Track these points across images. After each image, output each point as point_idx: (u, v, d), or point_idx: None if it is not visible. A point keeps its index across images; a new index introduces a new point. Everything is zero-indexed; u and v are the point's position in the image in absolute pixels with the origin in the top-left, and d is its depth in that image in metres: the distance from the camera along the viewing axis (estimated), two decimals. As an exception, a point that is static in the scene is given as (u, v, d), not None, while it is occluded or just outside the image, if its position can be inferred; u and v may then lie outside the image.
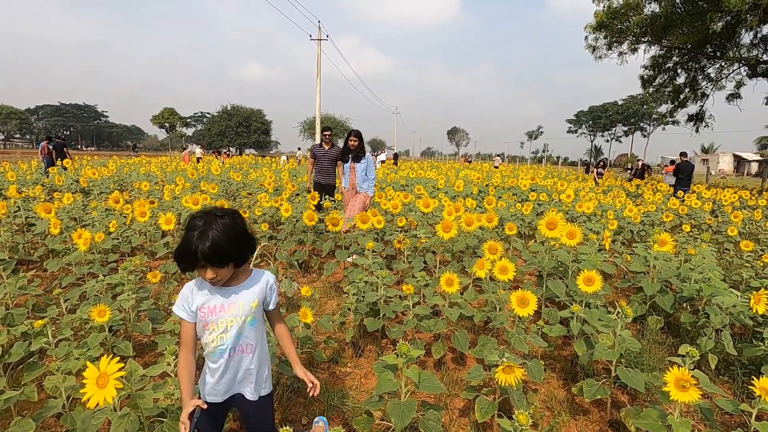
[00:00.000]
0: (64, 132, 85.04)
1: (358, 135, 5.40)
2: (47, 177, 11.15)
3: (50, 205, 4.08)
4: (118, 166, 14.43)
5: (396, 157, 29.02)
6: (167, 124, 75.96)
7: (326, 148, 5.99)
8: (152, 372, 1.71)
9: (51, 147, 15.21)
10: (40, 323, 2.10)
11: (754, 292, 2.40)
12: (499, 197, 8.04)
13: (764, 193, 13.98)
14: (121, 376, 1.15)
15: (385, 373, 1.70)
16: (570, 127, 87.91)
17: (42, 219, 4.23)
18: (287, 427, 1.29)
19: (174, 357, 1.76)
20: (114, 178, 11.32)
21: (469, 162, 35.98)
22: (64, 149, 14.89)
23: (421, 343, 2.78)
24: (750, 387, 1.68)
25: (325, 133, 6.06)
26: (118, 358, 1.14)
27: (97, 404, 1.10)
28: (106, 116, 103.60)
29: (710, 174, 28.30)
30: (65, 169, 12.89)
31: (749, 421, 1.71)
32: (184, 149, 30.11)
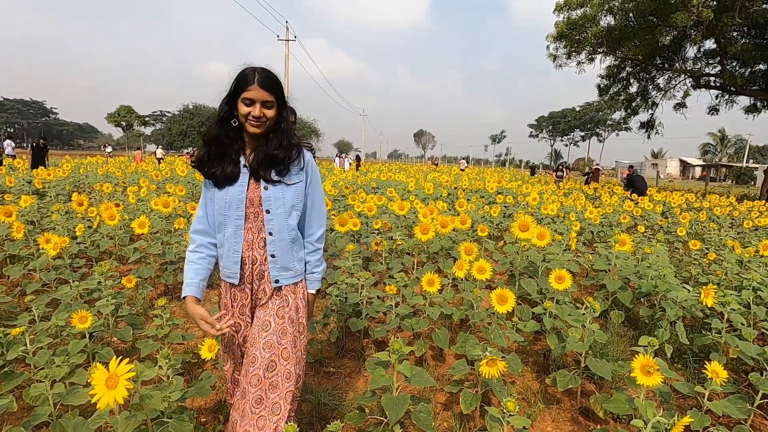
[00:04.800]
0: (8, 129, 79.52)
1: (271, 85, 1.43)
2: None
3: (11, 208, 3.88)
4: (73, 166, 13.71)
5: (358, 159, 29.00)
6: (124, 123, 72.59)
7: None
8: (145, 377, 1.70)
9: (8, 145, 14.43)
10: (18, 331, 2.04)
11: (704, 287, 2.66)
12: (468, 200, 8.30)
13: (707, 195, 15.09)
14: (131, 377, 1.16)
15: (378, 370, 1.78)
16: (531, 132, 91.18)
17: (1, 223, 4.01)
18: (292, 424, 1.34)
19: (166, 360, 1.77)
20: (70, 179, 10.77)
21: (436, 165, 36.61)
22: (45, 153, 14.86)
23: (404, 341, 2.88)
24: (703, 371, 1.89)
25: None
26: (127, 359, 1.15)
27: (107, 405, 1.11)
28: (56, 113, 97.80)
29: (659, 178, 30.19)
30: (14, 169, 12.17)
31: (702, 402, 1.92)
32: (138, 149, 28.93)
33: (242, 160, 1.51)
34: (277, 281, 1.55)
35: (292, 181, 1.54)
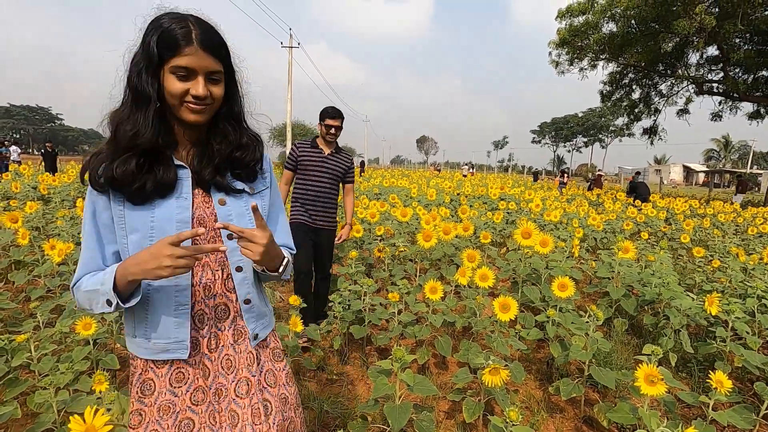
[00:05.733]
0: (14, 135, 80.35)
1: (218, 46, 0.96)
2: (-2, 183, 10.57)
3: (17, 214, 3.91)
4: (77, 172, 13.81)
5: (362, 165, 29.19)
6: (128, 129, 73.10)
7: (326, 151, 3.11)
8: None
9: (2, 152, 14.60)
10: (23, 338, 2.05)
11: (708, 295, 2.65)
12: (470, 206, 8.30)
13: (711, 202, 15.03)
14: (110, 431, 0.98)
15: (381, 378, 1.78)
16: (534, 138, 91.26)
17: (6, 229, 4.04)
18: None
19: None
20: (74, 185, 10.84)
21: (439, 171, 36.71)
22: (55, 157, 15.25)
23: (407, 349, 2.87)
24: (708, 381, 1.87)
25: (330, 122, 3.02)
26: (103, 409, 1.03)
27: None
28: (61, 119, 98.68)
29: (663, 184, 30.15)
30: (19, 174, 12.26)
31: (707, 412, 1.90)
32: None
33: (174, 159, 0.98)
34: (256, 337, 1.08)
35: (256, 189, 1.08)
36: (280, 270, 1.04)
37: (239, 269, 1.03)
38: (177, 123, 0.97)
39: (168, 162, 0.96)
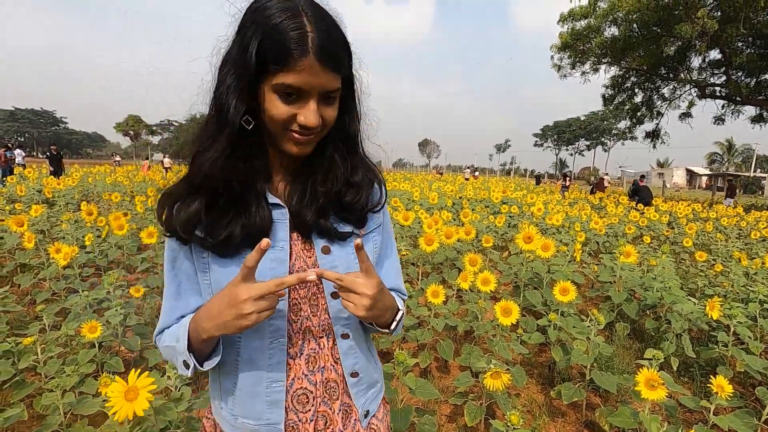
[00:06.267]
0: (19, 138, 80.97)
1: (340, 53, 0.68)
2: (3, 186, 10.66)
3: (23, 218, 3.95)
4: (81, 175, 13.90)
5: None
6: (132, 132, 73.74)
7: None
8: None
9: (7, 155, 14.73)
10: (29, 340, 2.08)
11: (710, 300, 2.65)
12: (473, 209, 8.31)
13: (714, 205, 15.00)
14: (153, 390, 1.04)
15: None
16: (536, 141, 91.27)
17: (12, 233, 4.08)
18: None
19: (174, 371, 1.80)
20: (78, 188, 10.92)
21: (441, 174, 36.78)
22: (60, 160, 15.43)
23: (409, 353, 2.89)
24: (709, 385, 1.88)
25: None
26: (147, 372, 1.09)
27: (126, 416, 1.03)
28: (65, 122, 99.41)
29: (666, 187, 30.09)
30: (24, 178, 12.37)
31: (708, 416, 1.91)
32: (146, 159, 28.99)
33: (269, 194, 0.76)
34: (367, 414, 0.86)
35: (367, 229, 0.85)
36: (393, 327, 0.82)
37: (345, 336, 0.81)
38: (275, 150, 0.76)
39: (260, 199, 0.74)
